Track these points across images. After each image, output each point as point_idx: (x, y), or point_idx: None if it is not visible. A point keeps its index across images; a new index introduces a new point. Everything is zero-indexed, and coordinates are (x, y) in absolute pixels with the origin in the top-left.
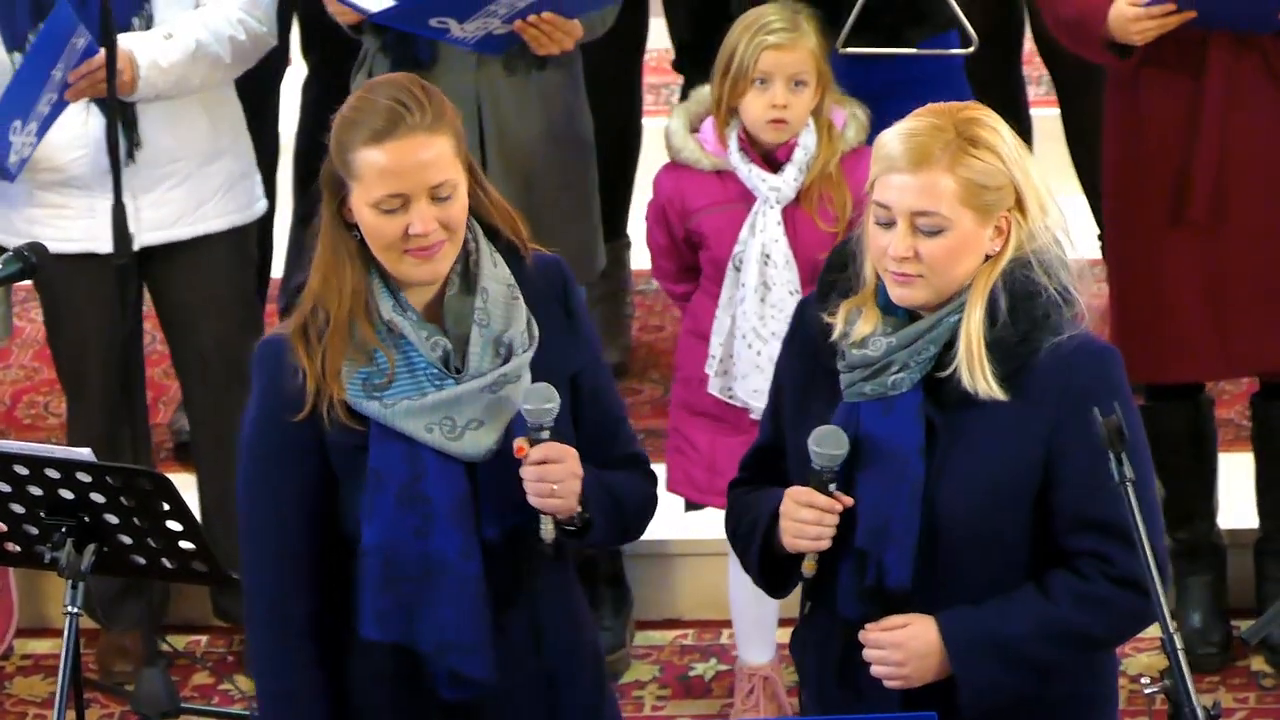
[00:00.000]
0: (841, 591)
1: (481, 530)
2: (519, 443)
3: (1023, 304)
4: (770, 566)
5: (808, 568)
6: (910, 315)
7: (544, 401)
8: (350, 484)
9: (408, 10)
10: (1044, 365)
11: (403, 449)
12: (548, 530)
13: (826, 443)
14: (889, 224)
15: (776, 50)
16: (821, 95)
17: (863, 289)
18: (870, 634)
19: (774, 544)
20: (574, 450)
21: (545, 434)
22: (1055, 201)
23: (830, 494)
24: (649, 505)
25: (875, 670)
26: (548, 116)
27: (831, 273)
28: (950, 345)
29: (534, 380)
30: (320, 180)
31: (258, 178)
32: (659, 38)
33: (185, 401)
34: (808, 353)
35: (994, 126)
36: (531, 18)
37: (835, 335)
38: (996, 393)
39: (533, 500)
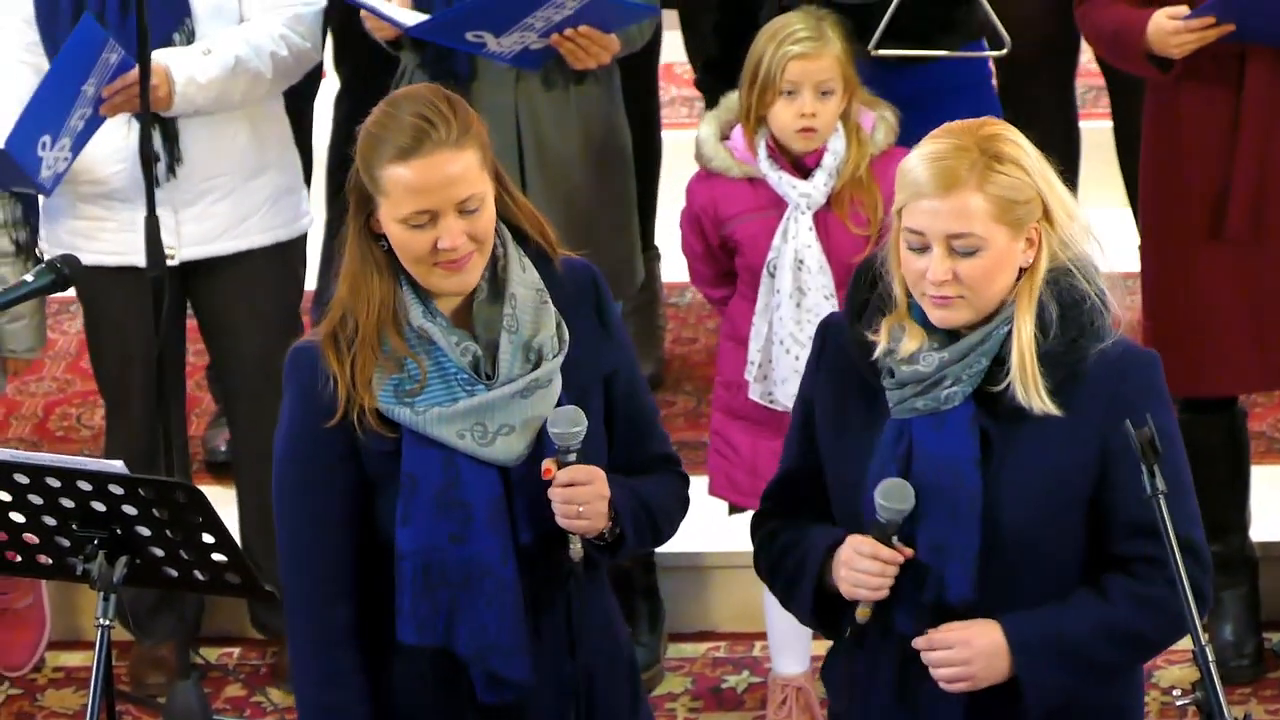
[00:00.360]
0: (900, 607)
1: (517, 535)
2: (547, 464)
3: (1070, 311)
4: (822, 607)
5: (862, 615)
6: (951, 331)
7: (571, 425)
8: (385, 490)
9: (444, 24)
10: (1093, 373)
11: (436, 455)
12: (576, 550)
13: (892, 496)
14: (923, 249)
15: (802, 60)
16: (849, 100)
17: (895, 309)
18: (934, 636)
19: (825, 585)
20: (601, 472)
21: (573, 456)
22: (1079, 207)
23: (894, 546)
24: (680, 507)
25: (939, 673)
26: (586, 131)
27: (862, 290)
28: (1000, 359)
29: (566, 383)
30: (346, 192)
31: (304, 193)
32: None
33: (227, 416)
34: (838, 370)
35: (1015, 140)
36: (569, 31)
37: (878, 352)
38: (1051, 408)
39: (560, 521)
